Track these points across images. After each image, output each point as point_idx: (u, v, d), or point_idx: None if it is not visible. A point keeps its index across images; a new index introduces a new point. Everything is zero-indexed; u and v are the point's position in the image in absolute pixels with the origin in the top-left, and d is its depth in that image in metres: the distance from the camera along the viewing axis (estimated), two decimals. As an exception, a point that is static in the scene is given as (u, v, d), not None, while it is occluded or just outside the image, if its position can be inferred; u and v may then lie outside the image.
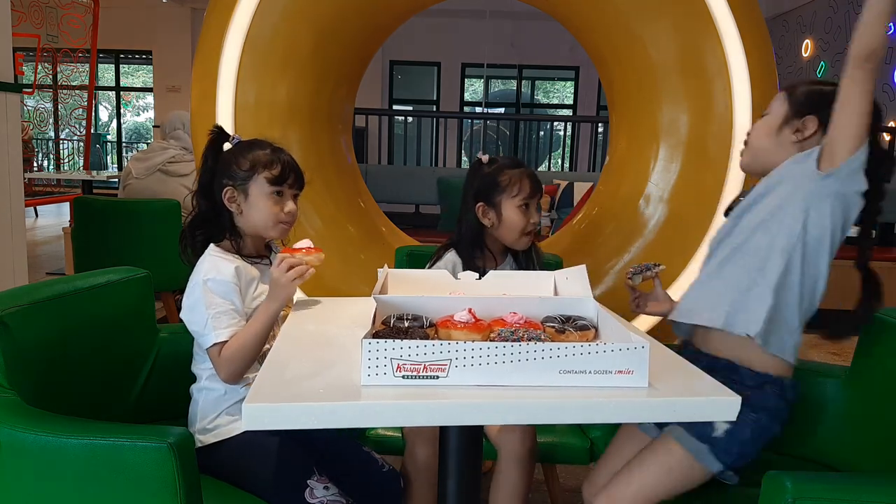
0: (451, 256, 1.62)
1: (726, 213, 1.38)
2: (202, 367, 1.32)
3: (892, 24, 6.38)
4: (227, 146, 1.36)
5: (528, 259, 1.65)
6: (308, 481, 1.22)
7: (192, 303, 1.26)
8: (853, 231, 1.24)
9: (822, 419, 1.43)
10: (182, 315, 1.28)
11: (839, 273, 1.29)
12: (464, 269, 1.58)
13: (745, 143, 1.37)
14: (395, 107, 10.26)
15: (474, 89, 11.14)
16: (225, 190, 1.32)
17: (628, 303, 1.49)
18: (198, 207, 1.36)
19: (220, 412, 1.30)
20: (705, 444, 1.19)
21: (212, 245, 1.33)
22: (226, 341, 1.24)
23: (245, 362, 1.26)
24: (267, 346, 1.30)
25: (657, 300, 1.47)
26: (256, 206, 1.32)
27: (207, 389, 1.31)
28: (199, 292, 1.26)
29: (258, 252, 1.38)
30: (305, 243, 1.31)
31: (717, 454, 1.18)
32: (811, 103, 1.26)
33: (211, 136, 1.35)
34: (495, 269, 1.60)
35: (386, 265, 1.34)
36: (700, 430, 1.20)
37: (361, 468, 1.38)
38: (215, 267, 1.28)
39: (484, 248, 1.62)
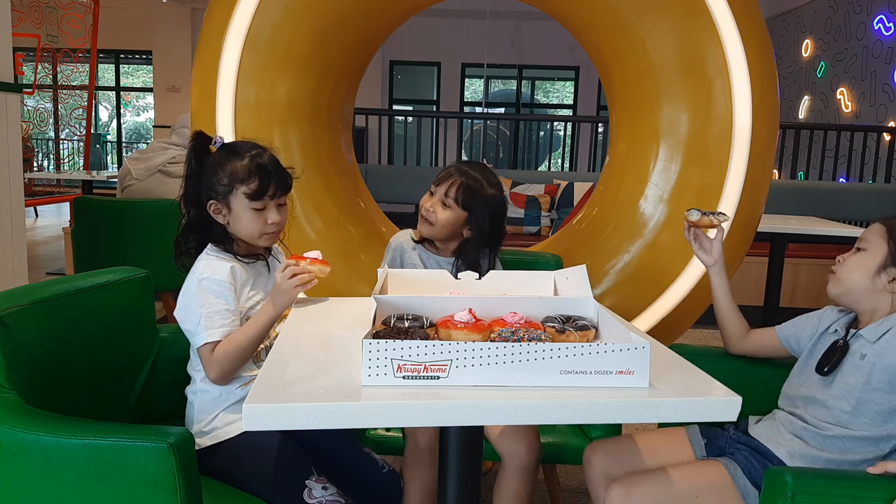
0: (403, 237, 1.66)
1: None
2: (197, 368, 1.32)
3: (892, 24, 6.28)
4: (211, 149, 1.34)
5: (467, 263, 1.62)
6: (307, 481, 1.22)
7: (186, 302, 1.26)
8: None
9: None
10: (175, 314, 1.28)
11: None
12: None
13: (833, 271, 1.32)
14: (395, 107, 10.26)
15: (474, 89, 11.14)
16: (209, 204, 1.31)
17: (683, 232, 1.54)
18: (187, 214, 1.35)
19: (216, 414, 1.29)
20: (756, 489, 1.21)
21: (210, 245, 1.33)
22: (218, 341, 1.23)
23: (237, 364, 1.26)
24: (262, 345, 1.30)
25: (709, 250, 1.50)
26: (240, 220, 1.31)
27: (202, 392, 1.31)
28: (193, 291, 1.26)
29: (252, 253, 1.38)
30: (314, 254, 1.31)
31: None
32: None
33: (192, 142, 1.33)
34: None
35: (386, 265, 1.34)
36: (755, 475, 1.22)
37: (361, 469, 1.37)
38: (210, 267, 1.28)
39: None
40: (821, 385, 1.28)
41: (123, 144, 12.29)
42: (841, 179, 6.33)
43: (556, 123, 10.89)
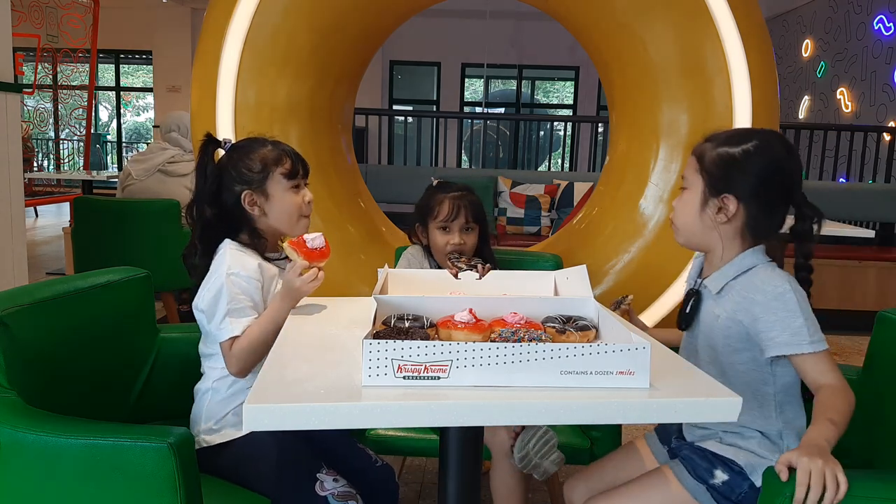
0: (415, 251, 1.74)
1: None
2: (210, 365, 1.32)
3: (892, 24, 6.27)
4: (220, 152, 1.35)
5: None
6: (318, 474, 1.23)
7: (214, 295, 1.24)
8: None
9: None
10: (198, 305, 1.26)
11: (840, 273, 1.29)
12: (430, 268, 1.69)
13: (672, 220, 1.27)
14: (395, 107, 10.26)
15: (474, 89, 11.14)
16: (244, 195, 1.31)
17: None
18: (202, 217, 1.33)
19: (227, 413, 1.29)
20: (703, 485, 1.17)
21: (227, 240, 1.32)
22: (237, 336, 1.23)
23: (256, 358, 1.26)
24: None
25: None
26: (279, 204, 1.33)
27: (214, 390, 1.31)
28: (221, 284, 1.24)
29: (276, 250, 1.37)
30: (318, 240, 1.29)
31: (716, 498, 1.15)
32: (724, 179, 1.16)
33: (202, 144, 1.33)
34: None
35: (386, 265, 1.34)
36: (700, 473, 1.18)
37: (356, 464, 1.38)
38: (240, 262, 1.27)
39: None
40: (693, 356, 1.23)
41: (123, 144, 12.28)
42: (841, 179, 6.33)
43: (556, 123, 10.89)
